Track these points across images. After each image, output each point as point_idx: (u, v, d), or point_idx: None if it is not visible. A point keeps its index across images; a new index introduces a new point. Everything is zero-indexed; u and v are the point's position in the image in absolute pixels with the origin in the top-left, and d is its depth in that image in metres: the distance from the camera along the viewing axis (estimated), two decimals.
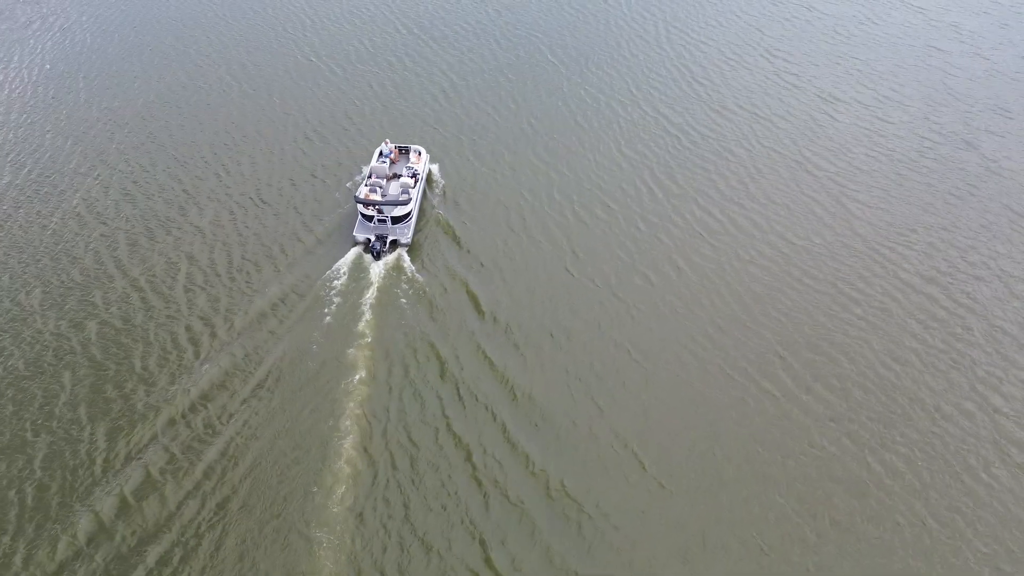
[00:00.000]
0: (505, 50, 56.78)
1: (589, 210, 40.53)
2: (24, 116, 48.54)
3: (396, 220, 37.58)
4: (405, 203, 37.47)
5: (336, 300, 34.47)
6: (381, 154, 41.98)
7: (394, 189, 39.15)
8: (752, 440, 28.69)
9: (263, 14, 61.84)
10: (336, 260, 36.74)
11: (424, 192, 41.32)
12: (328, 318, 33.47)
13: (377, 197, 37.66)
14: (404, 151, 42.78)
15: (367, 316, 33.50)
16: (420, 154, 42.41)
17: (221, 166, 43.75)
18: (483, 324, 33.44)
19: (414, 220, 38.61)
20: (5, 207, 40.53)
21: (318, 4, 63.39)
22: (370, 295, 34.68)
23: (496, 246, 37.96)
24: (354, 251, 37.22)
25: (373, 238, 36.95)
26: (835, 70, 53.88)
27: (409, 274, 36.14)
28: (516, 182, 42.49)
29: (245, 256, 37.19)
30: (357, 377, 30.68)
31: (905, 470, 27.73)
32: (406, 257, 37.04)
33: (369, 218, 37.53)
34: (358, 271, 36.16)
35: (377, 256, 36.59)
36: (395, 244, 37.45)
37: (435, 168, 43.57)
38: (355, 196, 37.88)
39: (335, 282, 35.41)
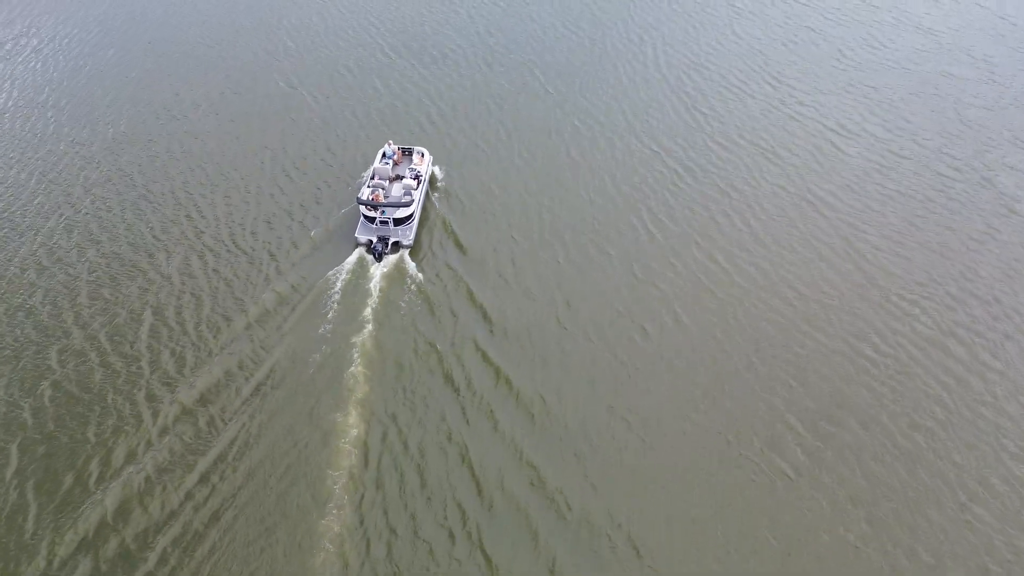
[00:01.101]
0: (495, 75, 54.60)
1: (582, 252, 38.24)
2: None
3: (398, 222, 37.84)
4: (407, 204, 37.78)
5: (337, 301, 34.72)
6: (384, 155, 42.02)
7: (396, 191, 39.56)
8: (762, 526, 26.30)
9: (243, 38, 59.65)
10: (338, 262, 37.00)
11: (427, 193, 41.54)
12: (329, 319, 33.78)
13: (380, 199, 38.02)
14: (407, 152, 42.93)
15: (369, 318, 33.78)
16: (423, 155, 42.56)
17: (193, 205, 41.43)
18: (485, 326, 33.70)
19: (416, 221, 38.90)
20: None
21: (299, 27, 61.21)
22: (372, 296, 34.97)
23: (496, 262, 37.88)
24: (356, 253, 37.50)
25: (375, 239, 37.25)
26: (843, 98, 51.70)
27: (411, 275, 36.54)
28: (505, 221, 40.18)
29: (235, 275, 34.84)
30: (357, 380, 30.90)
31: (934, 563, 25.30)
32: (408, 258, 37.38)
33: (371, 219, 37.80)
34: (360, 272, 36.49)
35: (379, 257, 36.83)
36: (397, 246, 37.67)
37: (438, 170, 43.69)
38: (357, 197, 38.28)
39: (337, 283, 35.77)
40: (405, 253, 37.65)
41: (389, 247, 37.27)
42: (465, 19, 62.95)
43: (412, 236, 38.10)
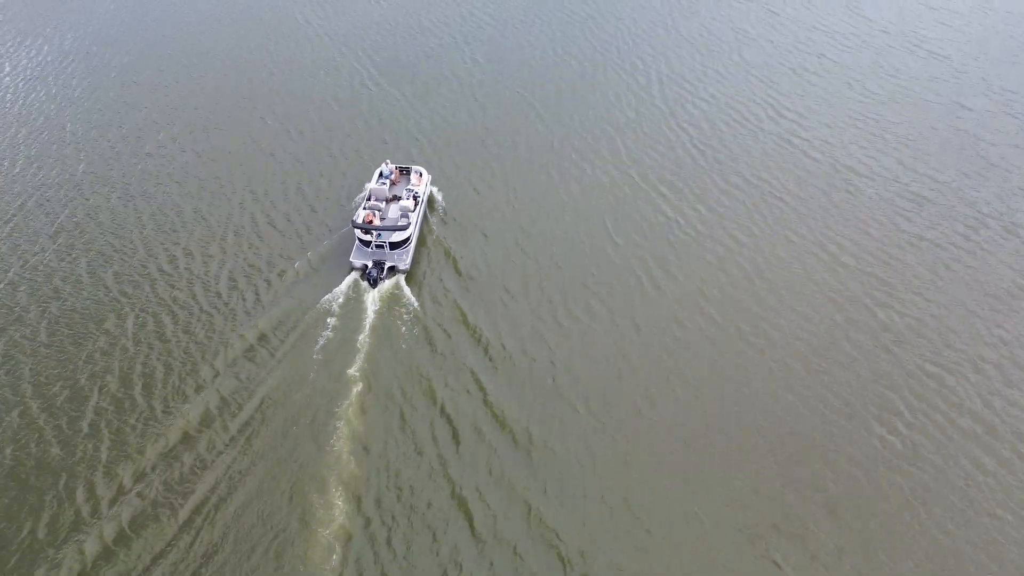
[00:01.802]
0: (487, 106, 51.76)
1: (575, 313, 35.25)
2: None
3: (394, 245, 36.82)
4: (404, 228, 36.72)
5: (329, 332, 33.65)
6: (381, 175, 41.11)
7: (393, 212, 38.70)
8: None
9: (220, 67, 56.70)
10: (332, 287, 35.96)
11: (425, 214, 40.48)
12: (320, 352, 32.74)
13: (376, 220, 37.16)
14: (405, 172, 42.06)
15: (362, 350, 32.72)
16: (421, 175, 41.49)
17: (153, 261, 38.40)
18: (483, 360, 32.55)
19: (413, 245, 37.81)
20: None
21: (280, 55, 58.29)
22: (365, 326, 33.87)
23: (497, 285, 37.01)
24: (350, 278, 36.46)
25: (370, 264, 36.31)
26: (854, 133, 48.86)
27: (406, 303, 35.47)
28: (491, 277, 37.21)
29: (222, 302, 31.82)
30: (350, 414, 29.91)
31: None
32: (404, 285, 36.37)
33: (367, 243, 36.76)
34: (354, 299, 35.42)
35: (373, 284, 35.78)
36: (393, 270, 36.70)
37: (437, 191, 42.60)
38: (352, 220, 37.15)
39: (329, 311, 34.72)
40: (401, 279, 36.53)
41: (385, 272, 36.16)
42: (456, 45, 60.15)
43: (408, 260, 36.97)
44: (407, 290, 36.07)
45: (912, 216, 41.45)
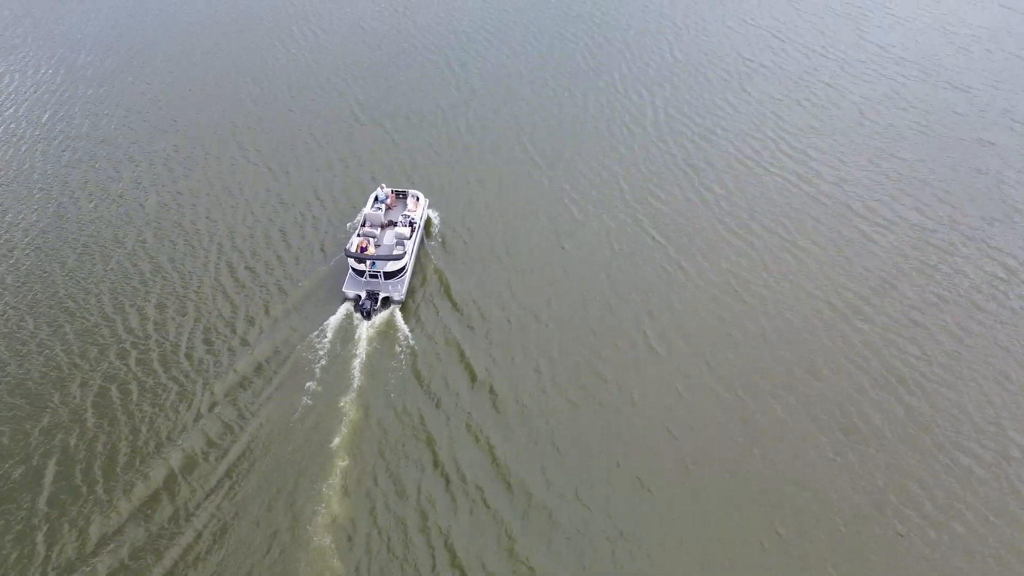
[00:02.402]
0: (476, 139, 49.37)
1: (570, 387, 32.76)
2: None
3: (389, 275, 35.81)
4: (399, 257, 35.83)
5: (320, 367, 32.71)
6: (376, 199, 40.26)
7: (388, 238, 38.07)
8: None
9: (197, 99, 54.38)
10: (324, 319, 35.06)
11: (422, 239, 39.58)
12: (310, 389, 31.76)
13: (371, 248, 36.36)
14: (402, 196, 41.09)
15: (354, 388, 31.80)
16: (418, 200, 40.51)
17: (119, 315, 36.00)
18: (479, 401, 31.62)
19: (409, 274, 36.92)
20: None
21: (263, 84, 55.98)
22: (358, 363, 32.93)
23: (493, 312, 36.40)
24: (343, 309, 35.55)
25: (364, 295, 35.38)
26: (869, 172, 46.44)
27: (401, 338, 34.50)
28: (483, 339, 34.74)
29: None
30: (338, 461, 28.99)
31: None
32: (399, 316, 35.56)
33: (360, 272, 35.75)
34: (346, 333, 34.49)
35: (367, 316, 34.84)
36: (387, 301, 35.88)
37: (434, 214, 41.64)
38: (345, 248, 36.19)
39: (320, 345, 33.74)
40: (396, 310, 35.79)
41: (379, 303, 35.42)
42: (445, 72, 57.83)
43: (404, 290, 36.09)
44: (402, 323, 35.19)
45: (933, 270, 39.00)
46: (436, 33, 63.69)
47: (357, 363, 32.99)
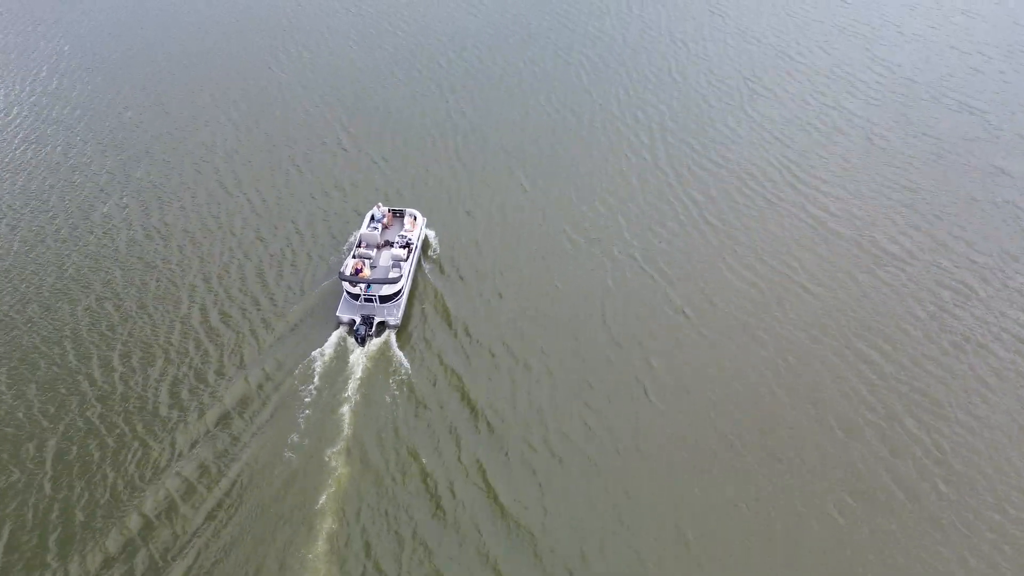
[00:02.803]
0: (467, 170, 47.33)
1: (565, 440, 30.73)
2: None
3: (385, 299, 35.31)
4: (395, 281, 35.32)
5: (312, 397, 31.83)
6: (372, 218, 39.52)
7: (384, 260, 37.59)
8: None
9: (175, 126, 52.38)
10: (317, 345, 34.35)
11: (419, 261, 38.94)
12: (301, 421, 30.87)
13: (366, 270, 35.89)
14: (399, 215, 40.43)
15: (347, 420, 30.91)
16: (416, 219, 39.91)
17: (83, 366, 33.95)
18: (478, 433, 30.80)
19: (405, 298, 36.36)
20: None
21: (244, 108, 53.99)
22: (352, 392, 32.09)
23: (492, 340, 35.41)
24: (337, 334, 34.80)
25: (358, 320, 34.69)
26: (881, 204, 44.42)
27: (397, 365, 33.73)
28: (482, 368, 32.71)
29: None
30: (329, 500, 28.04)
31: None
32: (394, 342, 34.79)
33: (355, 296, 35.13)
34: (340, 360, 33.68)
35: (362, 342, 34.11)
36: (383, 326, 35.18)
37: (432, 234, 40.94)
38: (340, 272, 35.49)
39: (313, 374, 32.86)
40: (392, 335, 34.98)
41: (374, 328, 34.61)
42: (438, 94, 55.87)
43: (400, 315, 35.44)
44: (397, 350, 34.39)
45: (950, 315, 36.94)
46: (428, 54, 61.76)
47: (350, 394, 31.98)
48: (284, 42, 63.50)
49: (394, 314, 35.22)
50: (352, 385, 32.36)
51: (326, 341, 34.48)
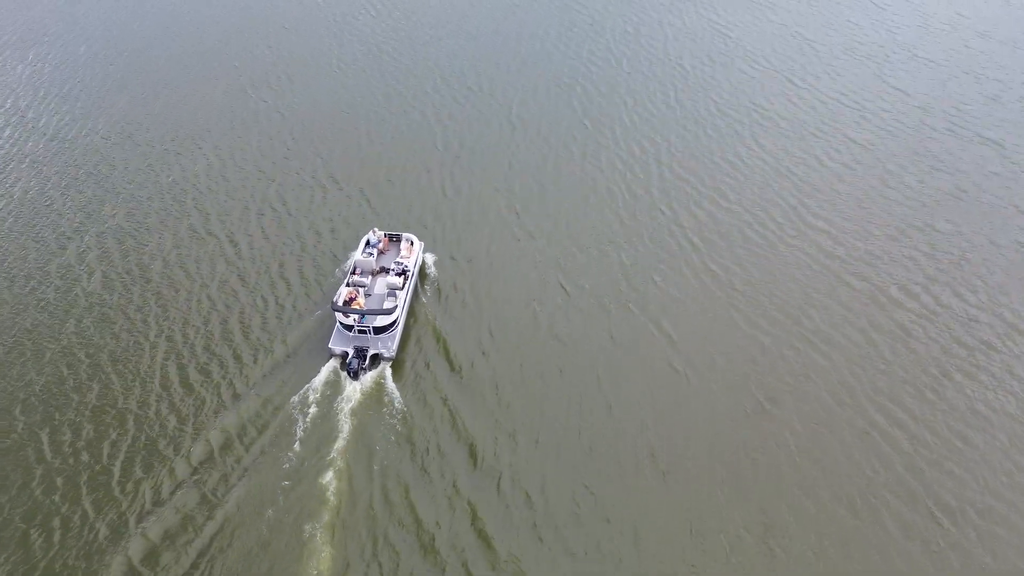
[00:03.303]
0: (460, 208, 44.73)
1: (563, 489, 28.11)
2: None
3: (379, 330, 33.99)
4: (390, 312, 34.00)
5: (301, 436, 30.68)
6: (368, 244, 38.78)
7: (380, 287, 36.65)
8: None
9: (157, 153, 49.85)
10: (308, 378, 33.17)
11: (416, 287, 37.96)
12: (289, 462, 29.75)
13: (360, 299, 34.98)
14: (395, 239, 39.57)
15: (337, 460, 29.80)
16: (412, 244, 38.95)
17: (44, 433, 31.28)
18: (476, 476, 29.56)
19: (400, 328, 35.18)
20: None
21: (225, 141, 51.44)
22: (343, 429, 30.93)
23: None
24: (329, 366, 33.76)
25: (351, 352, 33.55)
26: (900, 246, 41.84)
27: (391, 401, 32.49)
28: (481, 404, 30.01)
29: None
30: (319, 546, 26.96)
31: None
32: (389, 375, 33.66)
33: (349, 327, 33.97)
34: (331, 395, 32.49)
35: (355, 376, 32.92)
36: (377, 358, 33.98)
37: (430, 258, 40.04)
38: (332, 301, 34.67)
39: (303, 409, 31.73)
40: (386, 368, 33.90)
41: (368, 361, 33.43)
42: (426, 125, 53.31)
43: (395, 347, 34.28)
44: (392, 384, 33.23)
45: (983, 372, 34.37)
46: (419, 79, 59.29)
47: (342, 433, 30.84)
48: (273, 69, 61.03)
49: (389, 346, 34.09)
50: (344, 424, 31.24)
51: (317, 374, 33.39)
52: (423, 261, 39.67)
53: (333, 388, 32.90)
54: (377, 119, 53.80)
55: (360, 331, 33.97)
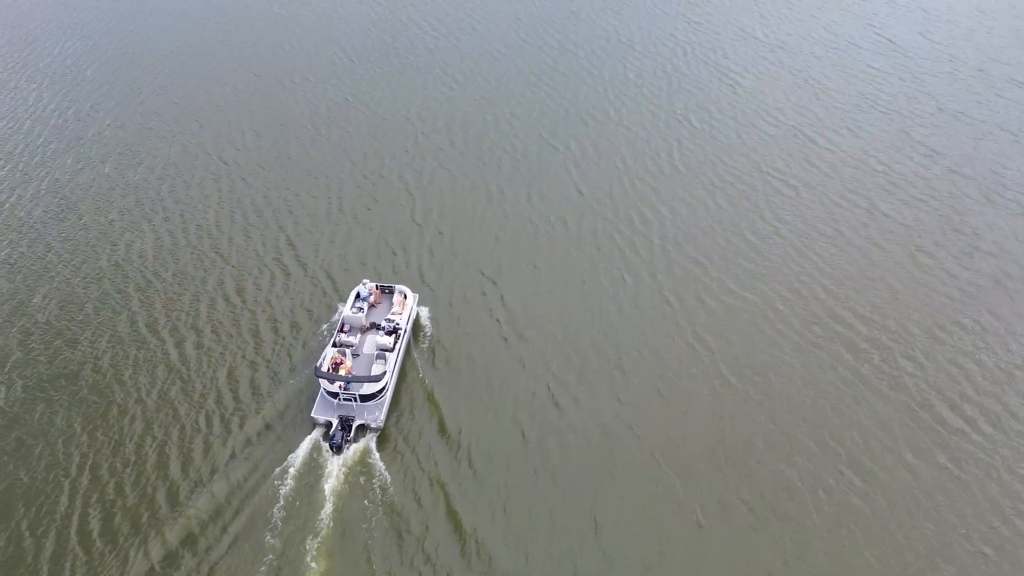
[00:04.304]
0: (435, 286, 40.17)
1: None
2: None
3: (366, 398, 32.03)
4: (378, 379, 31.96)
5: (280, 518, 28.63)
6: (358, 297, 36.64)
7: (369, 347, 34.73)
8: None
9: (126, 194, 45.33)
10: (287, 453, 31.11)
11: (408, 345, 35.96)
12: (265, 549, 27.58)
13: (347, 361, 32.99)
14: (387, 291, 37.70)
15: (316, 548, 27.68)
16: (406, 297, 37.10)
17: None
18: (462, 560, 27.57)
19: (390, 395, 33.15)
20: None
21: (197, 189, 46.92)
22: (324, 511, 28.92)
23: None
24: (311, 437, 31.72)
25: (335, 423, 31.64)
26: (938, 355, 37.15)
27: (378, 478, 30.38)
28: (476, 485, 25.79)
29: None
30: None
31: None
32: (375, 450, 31.53)
33: (334, 394, 31.97)
34: (312, 471, 30.43)
35: (338, 450, 31.00)
36: (363, 429, 32.05)
37: (424, 312, 38.16)
38: (315, 367, 32.59)
39: (281, 488, 29.63)
40: (372, 441, 31.87)
41: (353, 433, 31.55)
42: (393, 187, 48.83)
43: (383, 416, 32.40)
44: (379, 459, 31.11)
45: (1016, 466, 29.64)
46: (392, 137, 54.90)
47: (323, 516, 28.81)
48: (229, 122, 56.66)
49: (376, 416, 32.20)
50: (325, 505, 29.23)
51: (297, 447, 31.36)
52: (417, 315, 37.55)
53: (314, 462, 30.87)
54: (344, 185, 49.25)
55: (345, 399, 31.84)
